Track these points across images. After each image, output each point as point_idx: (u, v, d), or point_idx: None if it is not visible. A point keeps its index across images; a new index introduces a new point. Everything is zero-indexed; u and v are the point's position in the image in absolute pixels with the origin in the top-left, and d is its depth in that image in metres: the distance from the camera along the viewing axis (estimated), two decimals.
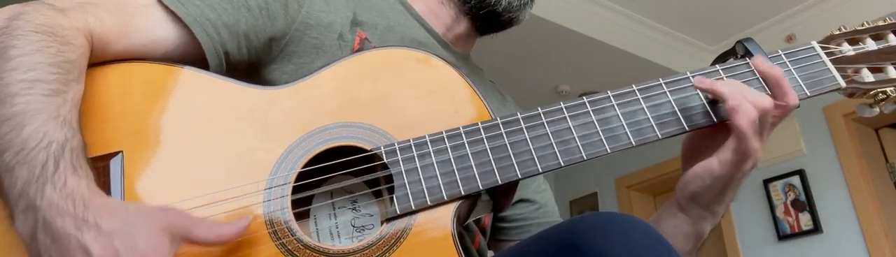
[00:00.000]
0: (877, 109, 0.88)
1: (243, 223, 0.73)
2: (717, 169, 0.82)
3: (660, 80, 0.85)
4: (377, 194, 0.86)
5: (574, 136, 0.82)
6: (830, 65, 0.86)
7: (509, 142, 0.81)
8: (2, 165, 0.68)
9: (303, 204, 0.83)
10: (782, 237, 3.35)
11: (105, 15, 0.83)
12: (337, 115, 0.83)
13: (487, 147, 0.81)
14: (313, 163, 0.81)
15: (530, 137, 0.82)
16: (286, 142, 0.81)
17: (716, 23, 3.67)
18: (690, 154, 0.89)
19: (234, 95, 0.84)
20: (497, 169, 0.80)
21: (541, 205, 1.11)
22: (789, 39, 3.56)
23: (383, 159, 0.81)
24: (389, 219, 0.78)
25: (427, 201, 0.78)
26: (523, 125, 0.82)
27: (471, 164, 0.80)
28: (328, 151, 0.81)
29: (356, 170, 0.82)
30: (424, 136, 0.81)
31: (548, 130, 0.82)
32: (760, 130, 0.81)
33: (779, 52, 0.87)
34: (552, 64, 3.75)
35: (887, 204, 3.13)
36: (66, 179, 0.68)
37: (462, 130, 0.82)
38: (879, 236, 3.03)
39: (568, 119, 0.83)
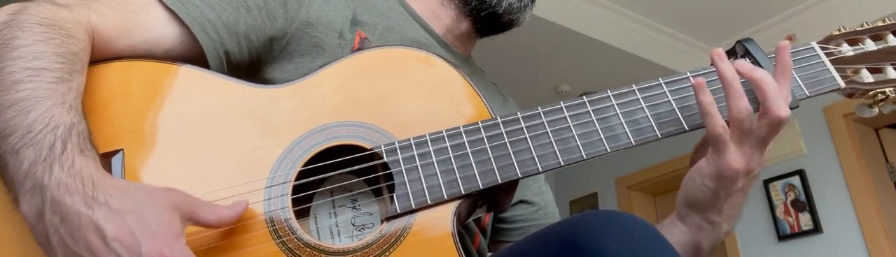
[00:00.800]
0: (876, 110, 0.87)
1: (242, 206, 0.73)
2: (700, 176, 0.83)
3: (659, 80, 0.85)
4: (377, 193, 0.86)
5: (574, 136, 0.82)
6: (830, 65, 0.86)
7: (509, 141, 0.81)
8: (6, 148, 0.69)
9: (303, 202, 0.83)
10: (782, 237, 3.34)
11: (107, 12, 0.84)
12: (337, 114, 0.83)
13: (487, 146, 0.81)
14: (314, 161, 0.81)
15: (530, 136, 0.82)
16: (287, 141, 0.81)
17: (716, 23, 3.66)
18: (696, 153, 0.88)
19: (235, 94, 0.84)
20: (497, 168, 0.80)
21: (541, 207, 1.11)
22: (789, 39, 3.56)
23: (383, 158, 0.81)
24: (389, 218, 0.79)
25: (427, 200, 0.78)
26: (523, 124, 0.82)
27: (471, 163, 0.80)
28: (328, 150, 0.82)
29: (356, 169, 0.82)
30: (425, 135, 0.82)
31: (548, 129, 0.82)
32: (740, 141, 0.79)
33: None
34: (552, 64, 3.75)
35: (887, 204, 3.13)
36: (74, 160, 0.68)
37: (462, 129, 0.82)
38: (879, 236, 3.03)
39: (568, 118, 0.83)
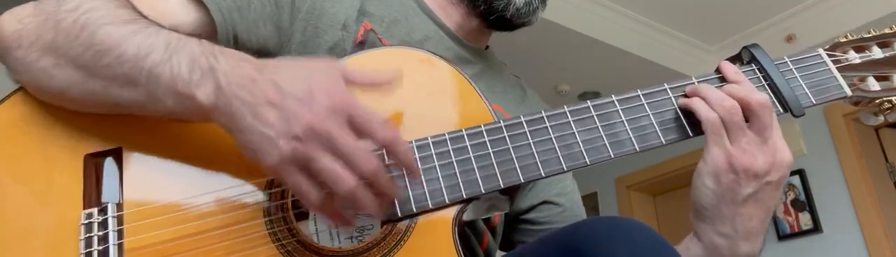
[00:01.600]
0: (881, 118, 0.87)
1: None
2: (699, 176, 0.82)
3: (664, 85, 0.85)
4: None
5: (578, 141, 0.81)
6: (837, 73, 0.86)
7: (512, 146, 0.81)
8: (154, 62, 0.71)
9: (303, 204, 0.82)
10: (782, 237, 3.35)
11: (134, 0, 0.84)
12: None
13: (490, 151, 0.80)
14: None
15: (534, 141, 0.81)
16: None
17: (716, 23, 3.66)
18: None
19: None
20: (499, 173, 0.79)
21: (566, 209, 1.09)
22: (789, 39, 3.56)
23: (385, 160, 0.80)
24: (390, 221, 0.78)
25: (429, 204, 0.78)
26: (527, 129, 0.82)
27: (473, 168, 0.80)
28: None
29: None
30: (426, 138, 0.81)
31: (552, 135, 0.81)
32: (734, 134, 0.80)
33: (785, 58, 0.87)
34: (552, 64, 3.74)
35: (887, 204, 3.13)
36: (224, 50, 0.73)
37: (464, 133, 0.81)
38: (879, 236, 3.04)
39: (572, 123, 0.82)
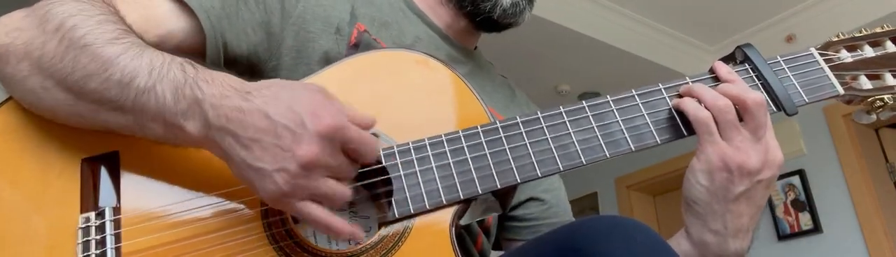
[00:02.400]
0: (874, 116, 0.88)
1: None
2: (692, 173, 0.83)
3: (659, 85, 0.85)
4: (375, 197, 0.85)
5: (574, 141, 0.82)
6: (829, 71, 0.86)
7: (508, 147, 0.81)
8: (138, 90, 0.70)
9: None
10: (782, 237, 3.35)
11: (125, 8, 0.83)
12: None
13: (487, 151, 0.81)
14: None
15: (530, 142, 0.81)
16: None
17: (716, 23, 3.66)
18: None
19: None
20: (496, 173, 0.79)
21: (551, 205, 1.10)
22: (789, 39, 3.56)
23: (382, 162, 0.80)
24: (387, 223, 0.78)
25: (426, 205, 0.78)
26: (523, 129, 0.82)
27: (470, 168, 0.80)
28: None
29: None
30: (423, 140, 0.81)
31: (547, 136, 0.82)
32: (727, 132, 0.81)
33: (777, 58, 0.87)
34: (552, 64, 3.74)
35: (887, 204, 3.13)
36: (212, 75, 0.71)
37: (461, 134, 0.81)
38: (879, 236, 3.03)
39: (567, 124, 0.83)
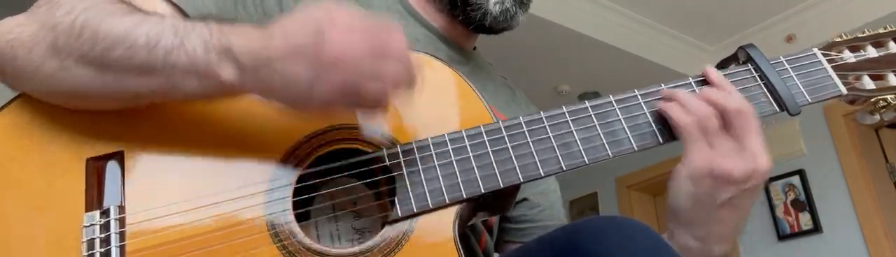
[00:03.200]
0: (877, 116, 0.88)
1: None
2: (677, 179, 0.82)
3: (661, 86, 0.85)
4: (378, 197, 0.86)
5: (576, 140, 0.82)
6: (832, 71, 0.86)
7: (511, 146, 0.81)
8: (168, 48, 0.71)
9: (304, 206, 0.83)
10: (782, 237, 3.35)
11: None
12: (338, 118, 0.83)
13: (490, 150, 0.81)
14: (315, 165, 0.81)
15: (532, 141, 0.81)
16: (287, 144, 0.81)
17: (716, 23, 3.67)
18: None
19: (235, 97, 0.84)
20: (499, 172, 0.80)
21: (544, 208, 1.10)
22: (789, 39, 3.56)
23: (385, 161, 0.81)
24: (390, 222, 0.78)
25: (429, 204, 0.78)
26: (525, 129, 0.82)
27: (473, 168, 0.80)
28: (329, 154, 0.81)
29: (358, 173, 0.82)
30: (426, 139, 0.81)
31: (550, 134, 0.82)
32: (710, 139, 0.79)
33: (780, 58, 0.87)
34: (552, 64, 3.74)
35: (887, 205, 3.13)
36: (233, 27, 0.72)
37: (464, 134, 0.82)
38: (879, 236, 3.04)
39: (570, 123, 0.83)
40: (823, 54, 0.88)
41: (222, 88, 0.72)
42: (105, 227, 0.75)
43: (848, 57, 0.88)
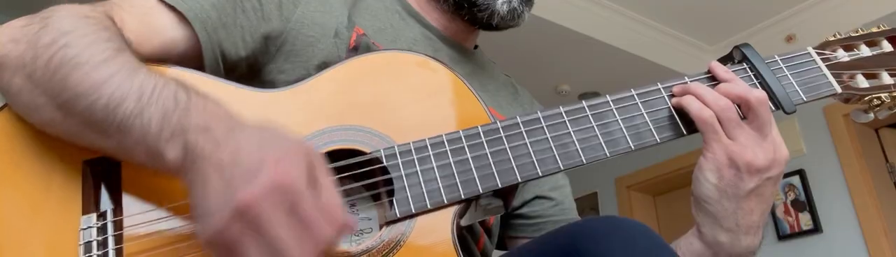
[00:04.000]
0: (871, 115, 0.89)
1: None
2: (700, 171, 0.83)
3: (658, 85, 0.86)
4: (376, 197, 0.86)
5: (574, 140, 0.82)
6: (826, 70, 0.87)
7: (509, 146, 0.81)
8: (125, 114, 0.68)
9: None
10: (782, 237, 3.34)
11: (126, 17, 0.83)
12: (336, 118, 0.83)
13: (487, 151, 0.81)
14: None
15: (530, 141, 0.82)
16: None
17: (716, 23, 3.67)
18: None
19: (233, 98, 0.84)
20: (497, 172, 0.80)
21: (557, 202, 1.11)
22: (789, 39, 3.56)
23: (383, 162, 0.80)
24: (389, 223, 0.78)
25: (427, 205, 0.78)
26: (523, 129, 0.83)
27: (471, 168, 0.80)
28: (327, 154, 0.81)
29: (355, 174, 0.82)
30: (424, 140, 0.81)
31: (547, 134, 0.82)
32: (731, 131, 0.81)
33: (775, 57, 0.88)
34: (552, 64, 3.74)
35: (887, 204, 3.13)
36: (205, 104, 0.69)
37: (462, 134, 0.82)
38: (879, 236, 3.03)
39: (567, 123, 0.83)
40: (818, 53, 0.89)
41: (166, 167, 0.68)
42: (102, 230, 0.75)
43: (842, 56, 0.89)
